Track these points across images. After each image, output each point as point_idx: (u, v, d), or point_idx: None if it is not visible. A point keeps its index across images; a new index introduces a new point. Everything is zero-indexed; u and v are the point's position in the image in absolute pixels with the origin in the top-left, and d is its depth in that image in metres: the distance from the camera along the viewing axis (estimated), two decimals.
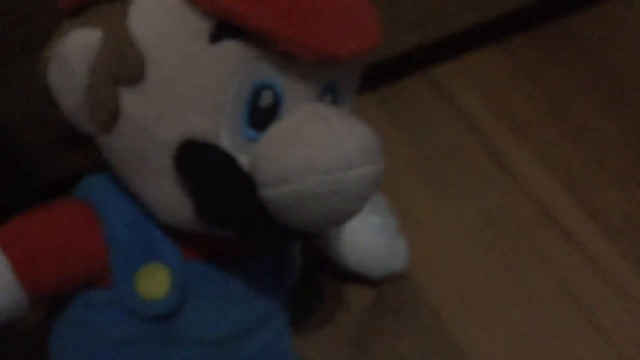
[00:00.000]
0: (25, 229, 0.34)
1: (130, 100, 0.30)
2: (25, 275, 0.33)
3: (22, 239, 0.33)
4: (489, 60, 0.66)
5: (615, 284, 0.51)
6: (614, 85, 0.64)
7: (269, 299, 0.39)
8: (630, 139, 0.59)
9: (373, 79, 0.59)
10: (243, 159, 0.30)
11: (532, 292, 0.50)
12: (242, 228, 0.32)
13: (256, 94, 0.30)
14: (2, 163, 0.42)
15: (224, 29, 0.29)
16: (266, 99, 0.30)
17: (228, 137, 0.30)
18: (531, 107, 0.62)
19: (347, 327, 0.49)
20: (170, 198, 0.32)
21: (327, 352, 0.48)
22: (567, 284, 0.50)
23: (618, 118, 0.61)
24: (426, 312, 0.49)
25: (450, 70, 0.65)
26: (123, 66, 0.30)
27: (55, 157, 0.45)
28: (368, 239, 0.48)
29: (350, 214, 0.31)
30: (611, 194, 0.56)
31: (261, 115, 0.30)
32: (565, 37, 0.69)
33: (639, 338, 0.48)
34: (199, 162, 0.31)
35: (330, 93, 0.32)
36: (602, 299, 0.50)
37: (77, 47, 0.31)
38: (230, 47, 0.29)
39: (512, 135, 0.59)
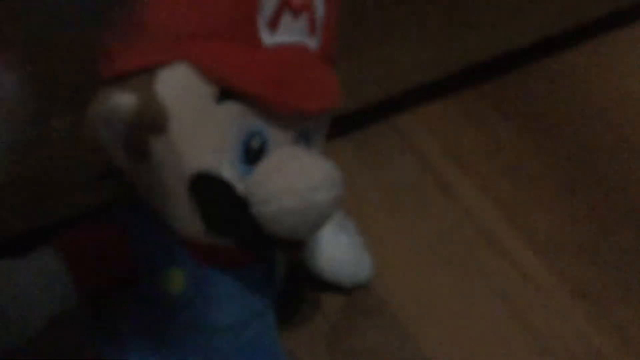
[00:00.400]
0: (77, 243, 0.42)
1: (156, 144, 0.39)
2: (76, 276, 0.41)
3: (76, 250, 0.42)
4: (444, 110, 0.74)
5: (541, 289, 0.59)
6: (549, 130, 0.72)
7: (260, 298, 0.47)
8: (556, 173, 0.68)
9: (346, 126, 0.66)
10: (239, 187, 0.39)
11: (474, 297, 0.58)
12: (239, 238, 0.41)
13: (249, 139, 0.39)
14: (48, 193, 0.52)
15: (226, 93, 0.38)
16: (256, 142, 0.40)
17: (228, 171, 0.39)
18: (476, 149, 0.70)
19: (322, 325, 0.57)
20: (185, 216, 0.41)
21: (305, 345, 0.55)
22: (501, 290, 0.59)
23: (549, 156, 0.69)
24: (388, 314, 0.57)
25: (412, 119, 0.73)
26: (151, 121, 0.39)
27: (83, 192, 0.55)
28: (340, 254, 0.56)
29: (318, 225, 0.40)
30: (539, 216, 0.65)
31: (252, 154, 0.40)
32: (512, 91, 0.76)
33: (561, 333, 0.57)
34: (207, 190, 0.40)
35: (304, 137, 0.42)
36: (529, 302, 0.58)
37: (118, 106, 0.39)
38: (231, 106, 0.39)
39: (459, 173, 0.68)
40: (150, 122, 0.39)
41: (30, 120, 0.33)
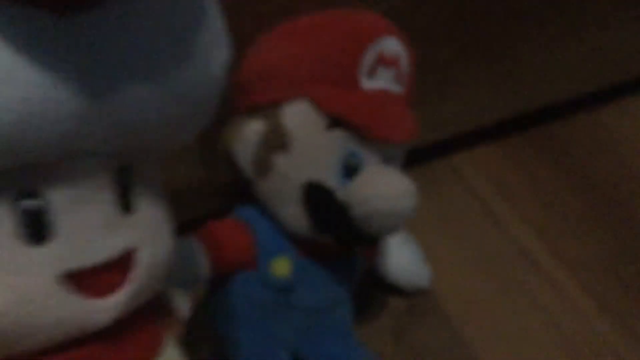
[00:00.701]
0: (211, 234, 0.54)
1: (279, 160, 0.51)
2: (212, 258, 0.53)
3: (210, 239, 0.53)
4: (494, 151, 0.84)
5: (572, 303, 0.68)
6: (582, 173, 0.82)
7: (343, 289, 0.58)
8: (587, 207, 0.78)
9: (408, 161, 0.76)
10: (339, 194, 0.50)
11: (514, 307, 0.68)
12: (338, 234, 0.52)
13: (348, 158, 0.50)
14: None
15: (335, 123, 0.50)
16: (353, 161, 0.51)
17: (332, 181, 0.50)
18: (519, 185, 0.80)
19: (387, 322, 0.66)
20: (296, 217, 0.52)
21: (373, 336, 0.63)
22: (537, 303, 0.68)
23: (581, 193, 0.79)
24: (441, 316, 0.67)
25: (465, 158, 0.83)
26: (277, 142, 0.51)
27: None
28: (405, 262, 0.67)
29: (398, 226, 0.51)
30: (571, 242, 0.74)
31: (350, 169, 0.51)
32: (553, 138, 0.86)
33: (589, 340, 0.66)
34: (316, 195, 0.51)
35: (389, 160, 0.52)
36: (561, 313, 0.67)
37: (252, 131, 0.51)
38: (337, 133, 0.50)
39: (504, 204, 0.78)
40: (276, 144, 0.51)
41: None
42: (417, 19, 0.62)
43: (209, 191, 0.64)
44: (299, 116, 0.51)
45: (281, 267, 0.55)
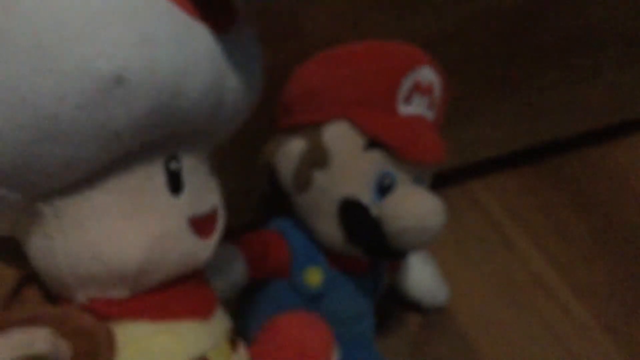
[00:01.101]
0: (249, 242, 0.57)
1: (318, 176, 0.54)
2: (250, 264, 0.57)
3: (248, 247, 0.57)
4: (509, 180, 0.89)
5: (579, 323, 0.71)
6: (591, 203, 0.87)
7: (368, 302, 0.61)
8: (595, 234, 0.82)
9: None
10: (373, 210, 0.54)
11: (524, 326, 0.71)
12: (370, 248, 0.55)
13: (383, 177, 0.54)
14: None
15: (372, 144, 0.53)
16: (388, 180, 0.54)
17: (367, 198, 0.54)
18: (532, 213, 0.84)
19: (406, 336, 0.70)
20: (331, 230, 0.55)
21: (391, 349, 0.67)
22: (547, 323, 0.72)
23: (589, 221, 0.83)
24: (457, 333, 0.70)
25: (481, 185, 0.87)
26: (317, 159, 0.54)
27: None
28: (424, 279, 0.70)
29: (428, 242, 0.53)
30: (580, 266, 0.78)
31: (384, 188, 0.54)
32: (564, 170, 0.91)
33: (593, 352, 0.69)
34: (351, 210, 0.54)
35: (419, 181, 0.56)
36: (569, 333, 0.71)
37: (294, 148, 0.55)
38: (374, 153, 0.53)
39: (517, 230, 0.82)
40: (316, 161, 0.55)
41: None
42: (449, 49, 0.66)
43: (247, 203, 0.67)
44: (339, 136, 0.54)
45: (313, 276, 0.58)
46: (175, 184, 0.42)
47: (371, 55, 0.56)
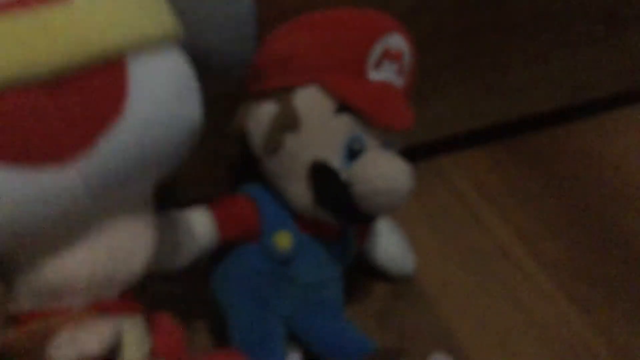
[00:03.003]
0: (220, 207, 0.58)
1: (289, 140, 0.55)
2: (220, 228, 0.58)
3: (218, 211, 0.58)
4: (477, 155, 0.90)
5: (545, 296, 0.73)
6: (560, 178, 0.88)
7: (337, 267, 0.62)
8: (563, 210, 0.83)
9: None
10: (342, 174, 0.54)
11: (491, 297, 0.72)
12: (339, 212, 0.55)
13: (352, 141, 0.55)
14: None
15: (342, 108, 0.54)
16: (357, 144, 0.55)
17: (336, 162, 0.54)
18: (500, 187, 0.85)
19: (373, 305, 0.70)
20: (301, 193, 0.56)
21: (359, 318, 0.66)
22: (512, 294, 0.73)
23: (558, 197, 0.85)
24: (424, 301, 0.71)
25: (449, 161, 0.88)
26: (287, 123, 0.55)
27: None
28: (392, 248, 0.71)
29: (396, 205, 0.54)
30: (547, 241, 0.79)
31: (353, 152, 0.55)
32: (533, 146, 0.92)
33: (560, 331, 0.70)
34: (321, 174, 0.55)
35: (387, 145, 0.56)
36: (535, 304, 0.72)
37: (265, 112, 0.55)
38: (344, 117, 0.54)
39: (485, 204, 0.83)
40: (287, 124, 0.55)
41: None
42: (419, 24, 0.67)
43: (218, 171, 0.68)
44: (309, 100, 0.55)
45: (283, 240, 0.59)
46: None
47: (342, 21, 0.56)
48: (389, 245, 0.72)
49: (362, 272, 0.73)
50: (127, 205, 0.45)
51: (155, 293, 0.53)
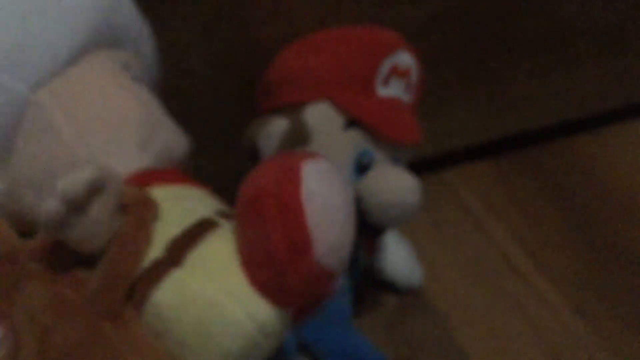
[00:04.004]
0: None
1: None
2: None
3: None
4: (483, 168, 0.91)
5: (549, 305, 0.74)
6: (564, 191, 0.89)
7: (346, 279, 0.62)
8: (566, 221, 0.84)
9: None
10: (352, 187, 0.55)
11: (497, 307, 0.73)
12: None
13: (361, 156, 0.56)
14: None
15: (351, 123, 0.55)
16: (366, 158, 0.56)
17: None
18: (505, 199, 0.87)
19: (381, 316, 0.71)
20: None
21: (368, 328, 0.67)
22: (517, 304, 0.74)
23: (562, 209, 0.86)
24: (431, 313, 0.72)
25: (455, 173, 0.90)
26: (298, 138, 0.56)
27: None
28: (400, 261, 0.72)
29: (405, 217, 0.56)
30: (550, 251, 0.80)
31: (362, 166, 0.56)
32: (538, 160, 0.93)
33: (563, 339, 0.71)
34: None
35: (395, 160, 0.58)
36: (539, 314, 0.73)
37: (277, 127, 0.57)
38: (353, 132, 0.55)
39: (490, 215, 0.84)
40: (298, 139, 0.57)
41: None
42: (426, 42, 0.68)
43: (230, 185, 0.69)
44: (319, 115, 0.57)
45: None
46: None
47: (351, 39, 0.58)
48: (397, 258, 0.73)
49: (371, 285, 0.74)
50: None
51: None
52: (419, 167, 0.80)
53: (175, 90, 0.61)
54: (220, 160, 0.66)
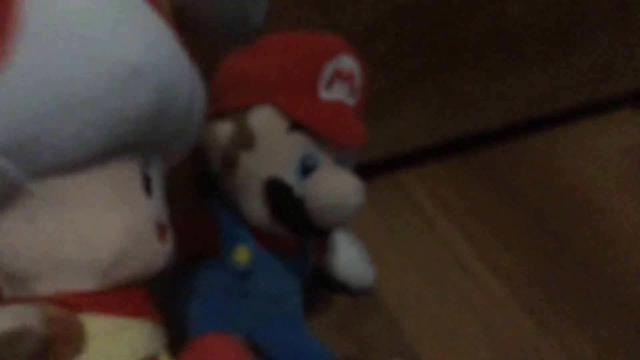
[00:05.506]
0: (178, 225, 0.59)
1: (244, 157, 0.57)
2: (179, 244, 0.60)
3: (178, 226, 0.59)
4: (435, 170, 0.93)
5: (499, 304, 0.76)
6: (515, 191, 0.91)
7: (296, 280, 0.64)
8: (517, 221, 0.86)
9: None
10: (297, 190, 0.56)
11: (448, 306, 0.75)
12: (294, 226, 0.57)
13: (305, 158, 0.57)
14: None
15: (295, 126, 0.56)
16: (310, 161, 0.57)
17: (290, 178, 0.56)
18: (458, 201, 0.88)
19: (333, 317, 0.72)
20: (257, 209, 0.58)
21: (320, 329, 0.68)
22: (469, 303, 0.76)
23: (513, 209, 0.88)
24: (383, 313, 0.73)
25: (409, 175, 0.91)
26: (243, 141, 0.57)
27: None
28: (352, 261, 0.73)
29: (347, 220, 0.56)
30: (502, 251, 0.82)
31: (306, 169, 0.57)
32: (489, 160, 0.95)
33: (513, 337, 0.73)
34: (276, 190, 0.57)
35: (341, 162, 0.59)
36: (490, 313, 0.75)
37: (222, 131, 0.57)
38: (297, 135, 0.56)
39: (443, 216, 0.86)
40: (243, 142, 0.58)
41: None
42: (374, 45, 0.70)
43: (178, 187, 0.69)
44: (263, 119, 0.57)
45: (241, 255, 0.61)
46: (148, 187, 0.46)
47: (294, 43, 0.59)
48: (349, 258, 0.74)
49: (324, 286, 0.75)
50: (80, 174, 0.42)
51: None
52: (371, 168, 0.84)
53: None
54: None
